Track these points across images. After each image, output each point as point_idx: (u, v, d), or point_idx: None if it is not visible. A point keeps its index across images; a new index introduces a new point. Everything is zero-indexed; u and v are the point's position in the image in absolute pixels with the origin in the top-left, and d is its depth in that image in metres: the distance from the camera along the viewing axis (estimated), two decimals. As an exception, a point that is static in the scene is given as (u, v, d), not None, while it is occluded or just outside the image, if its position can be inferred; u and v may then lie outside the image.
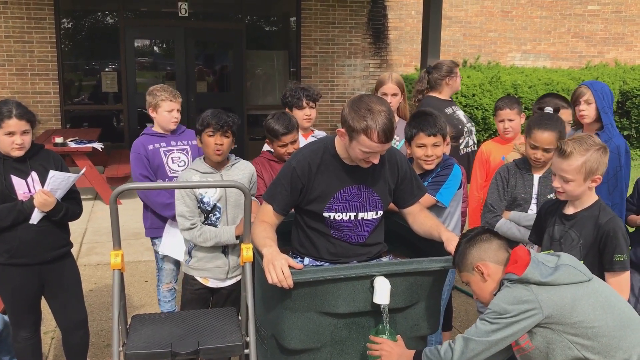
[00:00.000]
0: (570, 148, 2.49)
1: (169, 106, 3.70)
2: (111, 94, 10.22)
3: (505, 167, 3.31)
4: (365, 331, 2.50)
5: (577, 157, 2.47)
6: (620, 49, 12.09)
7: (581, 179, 2.50)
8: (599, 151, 2.50)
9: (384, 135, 2.38)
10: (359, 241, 2.71)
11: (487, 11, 11.27)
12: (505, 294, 2.15)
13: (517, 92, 9.55)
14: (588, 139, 2.53)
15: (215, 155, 3.07)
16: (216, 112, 3.11)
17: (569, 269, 2.15)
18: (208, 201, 3.09)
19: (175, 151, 3.74)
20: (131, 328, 2.48)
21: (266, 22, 11.25)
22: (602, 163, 2.51)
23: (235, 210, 3.14)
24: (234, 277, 3.20)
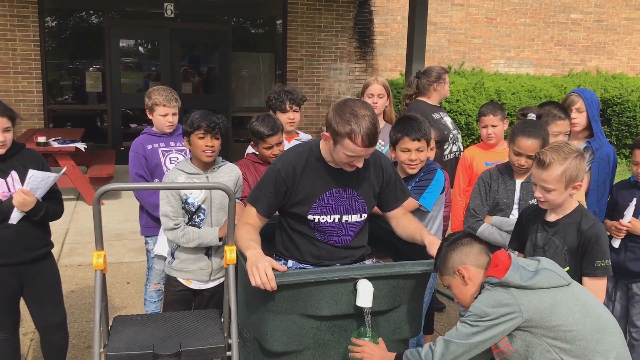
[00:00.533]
0: (549, 158, 2.50)
1: (163, 111, 3.72)
2: (95, 94, 10.15)
3: (487, 172, 3.33)
4: (348, 334, 2.51)
5: (556, 167, 2.49)
6: (602, 57, 12.26)
7: (562, 188, 2.51)
8: (577, 158, 2.52)
9: (368, 139, 2.40)
10: (342, 244, 2.72)
11: (471, 18, 11.37)
12: (485, 297, 2.18)
13: (501, 98, 9.65)
14: (565, 147, 2.55)
15: (207, 156, 3.07)
16: (205, 113, 3.10)
17: (548, 273, 2.18)
18: (193, 202, 3.08)
19: (174, 152, 3.77)
20: (112, 329, 2.46)
21: (252, 24, 11.24)
22: (581, 169, 2.53)
23: (220, 212, 3.13)
24: (217, 279, 3.19)
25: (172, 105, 3.74)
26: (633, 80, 11.16)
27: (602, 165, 3.60)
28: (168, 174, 3.19)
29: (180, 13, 10.17)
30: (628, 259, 3.47)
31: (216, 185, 2.34)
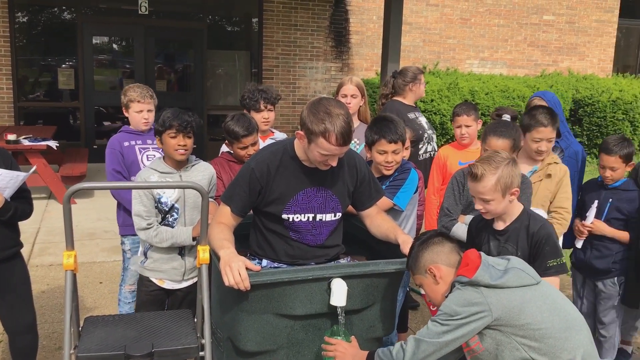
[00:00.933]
0: (481, 170, 2.52)
1: (138, 107, 3.68)
2: (68, 91, 9.99)
3: (461, 172, 3.35)
4: (322, 333, 2.52)
5: (489, 178, 2.51)
6: (574, 58, 12.47)
7: (500, 196, 2.53)
8: (509, 165, 2.54)
9: (342, 138, 2.41)
10: (317, 243, 2.72)
11: (446, 18, 11.46)
12: (455, 296, 2.20)
13: (475, 98, 9.74)
14: (496, 157, 2.57)
15: (179, 155, 3.04)
16: (176, 112, 3.07)
17: (518, 272, 2.21)
18: (166, 201, 3.05)
19: (151, 149, 3.73)
20: (83, 330, 2.43)
21: (228, 22, 11.18)
22: (515, 175, 2.55)
23: (194, 211, 3.11)
24: (190, 278, 3.17)
25: (147, 102, 3.70)
26: (603, 81, 11.36)
27: (570, 163, 3.68)
28: (140, 173, 3.15)
29: (155, 10, 10.07)
30: (593, 257, 3.55)
31: (189, 185, 2.33)
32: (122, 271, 3.83)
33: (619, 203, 3.49)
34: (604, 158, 3.46)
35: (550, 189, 3.38)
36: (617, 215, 3.49)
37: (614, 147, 3.42)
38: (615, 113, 10.61)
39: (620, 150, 3.41)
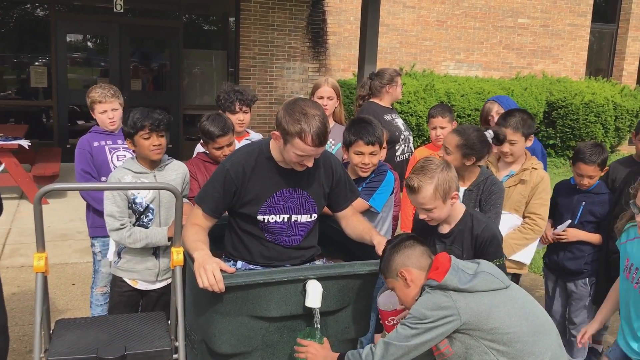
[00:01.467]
0: (417, 182, 2.52)
1: (101, 107, 3.64)
2: (40, 90, 9.83)
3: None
4: (296, 335, 2.51)
5: (426, 187, 2.51)
6: (548, 61, 12.64)
7: (441, 203, 2.54)
8: (444, 171, 2.54)
9: (318, 138, 2.40)
10: (292, 244, 2.71)
11: (423, 20, 11.54)
12: (425, 300, 2.21)
13: (450, 100, 9.83)
14: (429, 164, 2.56)
15: (155, 155, 3.02)
16: (145, 112, 3.02)
17: (486, 276, 2.22)
18: (141, 202, 3.02)
19: (121, 149, 3.68)
20: (54, 333, 2.39)
21: (204, 22, 11.11)
22: (452, 179, 2.56)
23: (169, 211, 3.09)
24: (164, 279, 3.14)
25: (109, 101, 3.64)
26: (576, 84, 11.54)
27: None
28: (114, 173, 3.11)
29: (130, 8, 9.96)
30: (566, 259, 3.61)
31: (163, 186, 2.30)
32: (93, 273, 3.78)
33: (591, 206, 3.53)
34: (582, 167, 3.46)
35: (523, 194, 3.39)
36: (590, 218, 3.54)
37: (592, 155, 3.42)
38: (588, 116, 10.79)
39: (598, 159, 3.43)
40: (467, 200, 3.14)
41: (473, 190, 3.13)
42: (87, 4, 9.95)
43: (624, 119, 11.31)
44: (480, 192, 3.10)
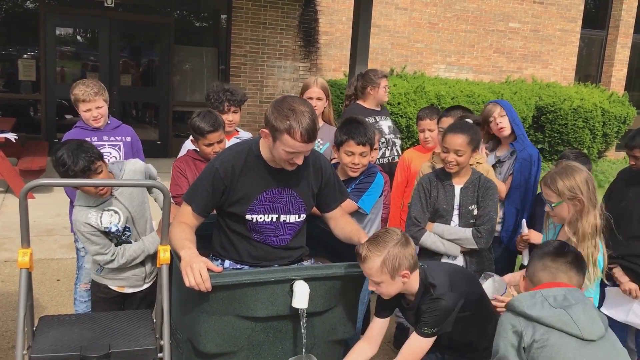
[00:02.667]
0: (365, 252, 2.42)
1: (84, 106, 3.61)
2: (28, 83, 9.73)
3: (426, 178, 3.34)
4: (283, 335, 2.51)
5: (374, 259, 2.41)
6: (537, 66, 12.71)
7: (388, 279, 2.43)
8: (398, 245, 2.42)
9: (307, 134, 2.39)
10: (280, 244, 2.71)
11: (414, 22, 11.56)
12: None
13: (440, 102, 9.85)
14: (385, 236, 2.45)
15: (102, 194, 2.83)
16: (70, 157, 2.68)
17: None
18: (117, 229, 2.89)
19: (107, 146, 3.65)
20: (38, 330, 2.36)
21: (196, 18, 11.06)
22: (405, 256, 2.43)
23: (141, 220, 3.02)
24: (151, 280, 3.11)
25: (92, 100, 3.59)
26: (565, 89, 11.63)
27: (524, 166, 3.74)
28: (78, 218, 2.85)
29: (121, 3, 9.89)
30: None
31: (151, 183, 2.28)
32: (76, 269, 3.74)
33: None
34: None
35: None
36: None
37: (579, 160, 3.34)
38: (576, 121, 10.87)
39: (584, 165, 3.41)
40: (464, 197, 3.22)
41: (469, 187, 3.23)
42: (77, -3, 9.87)
43: (611, 125, 11.41)
44: (477, 189, 3.22)
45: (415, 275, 2.53)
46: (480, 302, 2.67)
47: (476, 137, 3.22)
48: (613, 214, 3.45)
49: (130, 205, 2.94)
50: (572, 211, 2.69)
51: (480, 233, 3.17)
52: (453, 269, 2.78)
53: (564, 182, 2.67)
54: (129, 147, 3.75)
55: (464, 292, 2.55)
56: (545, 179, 2.75)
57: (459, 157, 3.15)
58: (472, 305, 2.59)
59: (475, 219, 3.21)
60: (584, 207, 2.66)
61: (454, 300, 2.49)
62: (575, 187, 2.66)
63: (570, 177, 2.67)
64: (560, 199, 2.68)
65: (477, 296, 2.68)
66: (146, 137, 10.32)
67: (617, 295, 3.43)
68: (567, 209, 2.69)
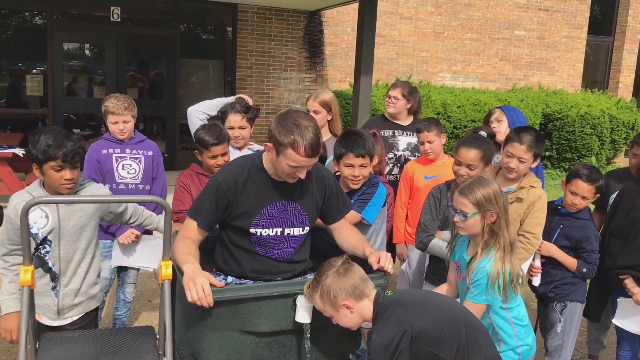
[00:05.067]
0: (305, 290, 2.37)
1: (113, 118, 3.74)
2: (36, 98, 9.81)
3: (437, 188, 3.37)
4: (287, 350, 2.48)
5: (314, 297, 2.34)
6: (544, 73, 12.68)
7: (333, 311, 2.34)
8: (333, 276, 2.31)
9: (310, 149, 2.39)
10: (284, 257, 2.69)
11: (419, 31, 11.57)
12: None
13: (447, 111, 9.84)
14: (321, 269, 2.36)
15: (66, 189, 2.70)
16: (60, 138, 2.63)
17: None
18: (36, 233, 2.72)
19: (128, 158, 3.78)
20: (41, 348, 2.36)
21: (201, 31, 11.13)
22: (341, 287, 2.30)
23: (72, 245, 2.79)
24: (70, 317, 2.88)
25: (121, 114, 3.72)
26: (572, 96, 11.58)
27: None
28: (14, 196, 2.75)
29: (127, 17, 9.97)
30: (539, 284, 3.51)
31: (151, 199, 2.28)
32: None
33: (568, 230, 3.40)
34: (579, 185, 3.33)
35: (519, 212, 3.27)
36: (565, 242, 3.40)
37: (592, 174, 3.33)
38: (584, 128, 10.82)
39: (597, 181, 3.33)
40: None
41: None
42: (84, 12, 9.95)
43: (619, 132, 11.34)
44: None
45: (366, 303, 2.33)
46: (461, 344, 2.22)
47: (489, 151, 3.22)
48: (622, 224, 3.43)
49: (65, 219, 2.76)
50: (484, 224, 2.61)
51: None
52: (427, 299, 2.40)
53: (482, 192, 2.59)
54: (149, 161, 3.87)
55: (416, 325, 2.17)
56: (461, 188, 2.66)
57: (471, 170, 3.16)
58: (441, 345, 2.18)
59: None
60: (498, 220, 2.60)
61: (387, 335, 2.17)
62: (492, 198, 2.59)
63: (487, 187, 2.61)
64: (477, 209, 2.60)
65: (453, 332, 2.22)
66: (153, 150, 10.34)
67: (629, 307, 3.38)
68: (480, 221, 2.62)
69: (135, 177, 3.80)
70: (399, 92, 4.35)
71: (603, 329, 3.87)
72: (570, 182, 3.39)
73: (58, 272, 2.79)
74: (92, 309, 2.96)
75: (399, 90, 4.34)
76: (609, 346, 4.09)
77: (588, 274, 3.37)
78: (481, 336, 2.30)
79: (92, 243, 2.88)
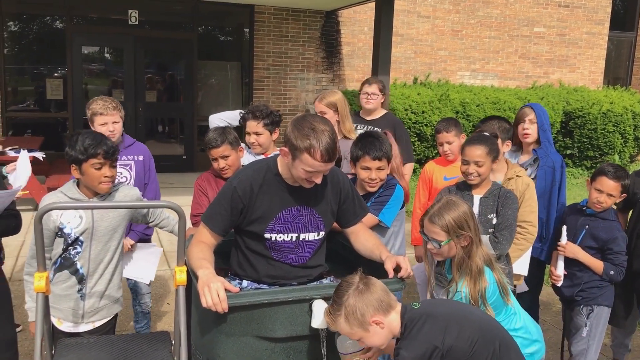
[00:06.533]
0: (327, 317, 2.25)
1: (101, 119, 3.54)
2: (56, 101, 9.92)
3: (447, 189, 3.34)
4: (303, 356, 2.45)
5: (338, 321, 2.20)
6: (564, 70, 12.50)
7: (363, 332, 2.20)
8: (354, 295, 2.18)
9: (327, 154, 2.36)
10: (299, 262, 2.66)
11: (437, 30, 11.48)
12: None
13: (466, 110, 9.74)
14: (339, 290, 2.23)
15: (105, 187, 2.75)
16: (97, 137, 2.72)
17: None
18: (69, 233, 2.75)
19: (118, 166, 3.62)
20: (57, 354, 2.35)
21: (219, 33, 11.16)
22: (367, 304, 2.17)
23: (104, 247, 2.81)
24: (91, 322, 2.88)
25: (111, 114, 3.54)
26: (594, 93, 11.39)
27: (547, 172, 3.64)
28: (45, 197, 2.79)
29: (145, 20, 10.03)
30: (564, 286, 3.44)
31: (166, 204, 2.26)
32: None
33: (594, 231, 3.34)
34: (604, 182, 3.28)
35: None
36: (591, 243, 3.34)
37: (618, 172, 3.27)
38: (606, 125, 10.63)
39: (624, 180, 3.28)
40: (484, 207, 3.19)
41: (489, 197, 3.20)
42: (102, 16, 10.04)
43: (643, 129, 11.14)
44: (497, 199, 3.18)
45: (394, 316, 2.23)
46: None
47: (494, 147, 3.20)
48: None
49: (99, 219, 2.78)
50: (459, 248, 2.57)
51: (497, 239, 3.14)
52: (457, 311, 2.30)
53: (451, 216, 2.54)
54: (140, 166, 3.73)
55: (447, 341, 2.10)
56: (430, 215, 2.59)
57: (479, 167, 3.15)
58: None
59: (494, 228, 3.15)
60: (470, 244, 2.56)
61: (417, 351, 2.10)
62: (462, 221, 2.54)
63: (456, 210, 2.55)
64: (448, 236, 2.55)
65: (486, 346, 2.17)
66: (172, 152, 10.40)
67: None
68: (454, 247, 2.57)
69: (127, 184, 3.60)
70: (377, 88, 4.50)
71: (628, 332, 3.78)
72: (596, 180, 3.35)
73: (85, 273, 2.80)
74: (114, 314, 2.96)
75: (376, 86, 4.50)
76: (634, 349, 3.99)
77: (615, 277, 3.29)
78: (513, 349, 2.25)
79: (120, 245, 2.91)
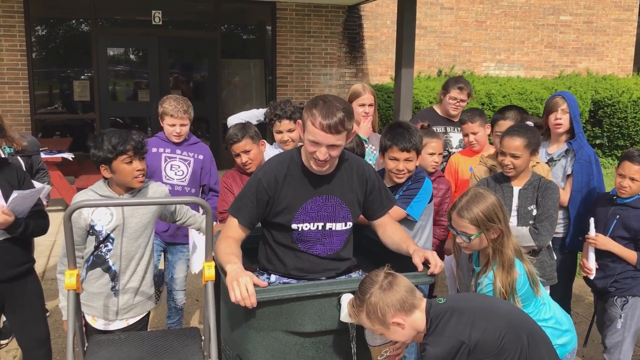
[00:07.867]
0: (350, 310, 2.23)
1: (170, 121, 3.71)
2: (83, 103, 10.07)
3: (484, 181, 3.32)
4: (332, 350, 2.44)
5: (361, 317, 2.19)
6: (592, 58, 12.26)
7: (384, 329, 2.18)
8: (377, 292, 2.14)
9: (327, 124, 2.34)
10: (327, 253, 2.65)
11: (461, 21, 11.35)
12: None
13: (492, 101, 9.62)
14: (362, 286, 2.20)
15: (139, 181, 2.80)
16: (124, 134, 2.76)
17: None
18: (100, 230, 2.79)
19: (177, 159, 3.75)
20: (88, 350, 2.38)
21: (241, 31, 11.19)
22: (388, 303, 2.12)
23: (134, 243, 2.85)
24: (125, 319, 2.91)
25: (180, 117, 3.70)
26: (623, 81, 11.15)
27: (584, 166, 3.55)
28: (76, 196, 2.83)
29: (169, 20, 10.11)
30: (596, 278, 3.36)
31: (192, 200, 2.26)
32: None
33: (626, 220, 3.24)
34: (627, 166, 3.21)
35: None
36: (623, 233, 3.25)
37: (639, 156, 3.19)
38: (637, 113, 10.41)
39: None
40: (524, 198, 3.18)
41: (528, 189, 3.19)
42: (126, 17, 10.14)
43: (675, 116, 10.87)
44: (536, 190, 3.17)
45: (418, 315, 2.18)
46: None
47: (534, 139, 3.16)
48: None
49: (130, 216, 2.83)
50: (489, 241, 2.52)
51: (537, 230, 3.10)
52: (483, 304, 2.25)
53: (480, 209, 2.49)
54: (199, 164, 3.83)
55: (474, 336, 2.05)
56: (459, 209, 2.54)
57: (516, 160, 3.12)
58: (501, 354, 2.07)
59: (534, 219, 3.12)
60: (500, 236, 2.50)
61: (443, 347, 2.05)
62: (491, 213, 2.49)
63: (484, 202, 2.50)
64: (478, 229, 2.50)
65: (514, 342, 2.09)
66: (197, 151, 10.47)
67: None
68: (485, 240, 2.53)
69: (182, 179, 3.76)
70: (466, 94, 4.29)
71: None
72: (619, 166, 3.29)
73: (118, 270, 2.84)
74: (148, 311, 2.99)
75: (466, 92, 4.28)
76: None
77: None
78: (542, 342, 2.19)
79: (150, 241, 2.94)
